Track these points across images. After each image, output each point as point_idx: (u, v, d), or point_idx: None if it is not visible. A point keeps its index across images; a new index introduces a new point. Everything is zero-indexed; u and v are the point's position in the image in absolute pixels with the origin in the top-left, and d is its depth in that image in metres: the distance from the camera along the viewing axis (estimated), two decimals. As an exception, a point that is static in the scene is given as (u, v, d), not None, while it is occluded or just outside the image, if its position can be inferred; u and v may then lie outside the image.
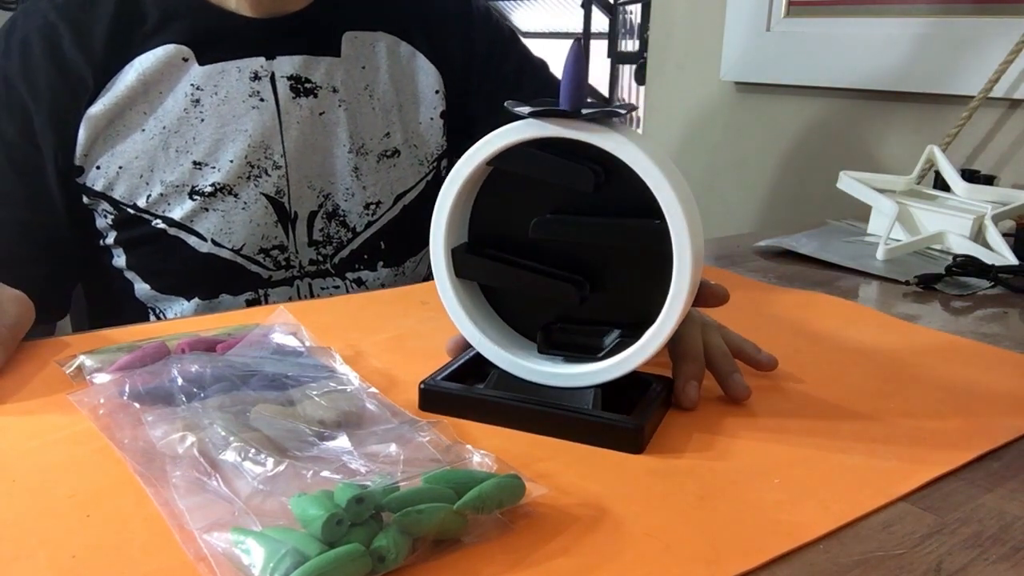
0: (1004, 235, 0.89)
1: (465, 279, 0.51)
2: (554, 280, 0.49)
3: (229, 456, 0.41)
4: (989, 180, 1.04)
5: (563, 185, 0.47)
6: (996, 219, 0.91)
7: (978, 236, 0.91)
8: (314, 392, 0.49)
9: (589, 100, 0.45)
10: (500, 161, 0.47)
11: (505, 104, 0.46)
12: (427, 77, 0.92)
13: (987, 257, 0.86)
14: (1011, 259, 0.86)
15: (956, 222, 0.92)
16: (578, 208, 0.48)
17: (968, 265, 0.84)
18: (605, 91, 4.15)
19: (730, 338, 0.58)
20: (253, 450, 0.41)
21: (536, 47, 1.08)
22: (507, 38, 0.99)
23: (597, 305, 0.49)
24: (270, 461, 0.41)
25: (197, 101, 0.82)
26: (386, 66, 0.90)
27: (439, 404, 0.50)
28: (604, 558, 0.37)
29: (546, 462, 0.45)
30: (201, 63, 0.82)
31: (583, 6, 4.29)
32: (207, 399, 0.48)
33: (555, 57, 0.80)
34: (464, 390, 0.50)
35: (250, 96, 0.83)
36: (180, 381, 0.49)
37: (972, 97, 1.12)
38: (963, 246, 0.90)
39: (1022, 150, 1.15)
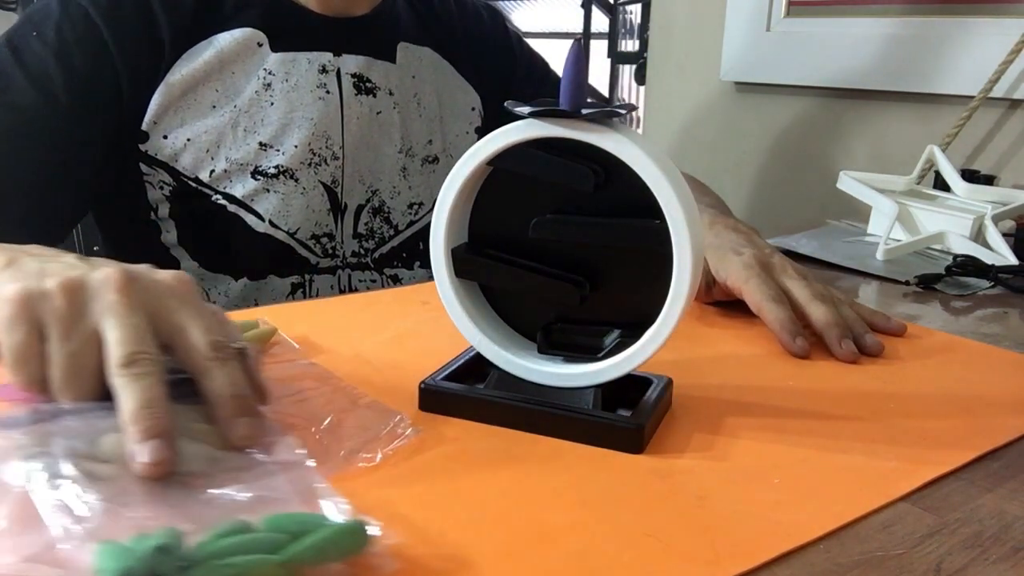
0: (1004, 235, 0.89)
1: (465, 279, 0.51)
2: (554, 280, 0.49)
3: (49, 492, 0.36)
4: (989, 180, 1.04)
5: (563, 185, 0.47)
6: (996, 219, 0.91)
7: (978, 236, 0.91)
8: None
9: (589, 100, 0.45)
10: (500, 161, 0.47)
11: (505, 104, 0.46)
12: (464, 94, 0.99)
13: (987, 257, 0.86)
14: (1011, 259, 0.86)
15: (956, 222, 0.92)
16: (578, 208, 0.48)
17: (968, 265, 0.84)
18: (605, 91, 4.15)
19: (860, 310, 0.67)
20: (78, 487, 0.36)
21: (536, 47, 1.09)
22: (541, 66, 1.09)
23: (597, 305, 0.49)
24: (91, 499, 0.36)
25: (268, 85, 0.85)
26: (431, 78, 0.96)
27: (439, 404, 0.50)
28: (604, 558, 0.37)
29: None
30: (274, 50, 0.86)
31: (583, 6, 4.29)
32: (55, 422, 0.41)
33: (555, 57, 0.80)
34: (464, 390, 0.50)
35: (318, 87, 0.87)
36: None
37: (972, 97, 1.12)
38: (963, 246, 0.90)
39: (1022, 150, 1.15)
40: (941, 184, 1.03)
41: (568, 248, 0.49)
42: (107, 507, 0.35)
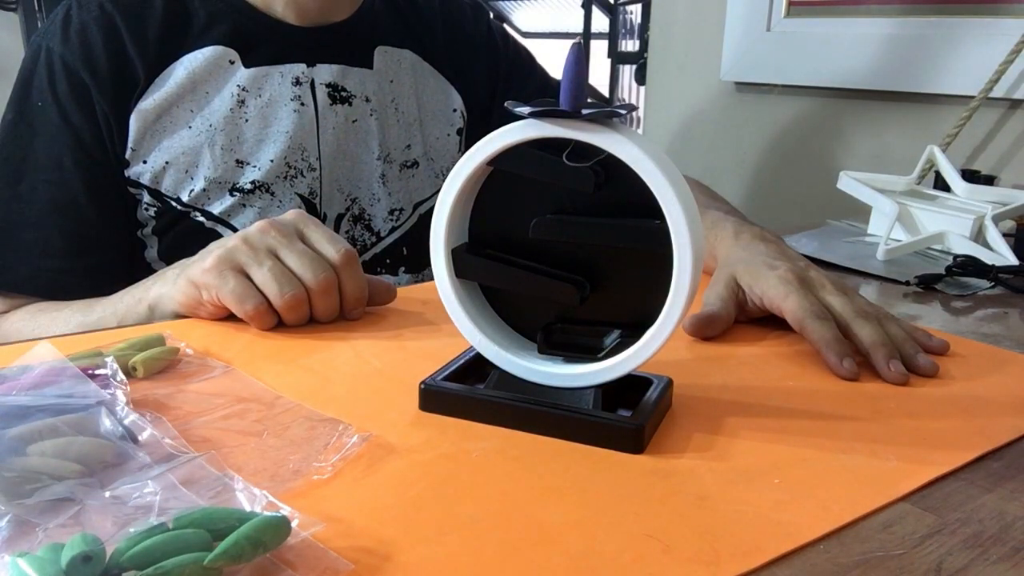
0: (1004, 235, 0.89)
1: (465, 279, 0.51)
2: (554, 280, 0.49)
3: None
4: (989, 180, 1.04)
5: (563, 185, 0.47)
6: (996, 219, 0.91)
7: (978, 236, 0.91)
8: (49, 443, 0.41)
9: (589, 100, 0.45)
10: (500, 161, 0.47)
11: (505, 104, 0.46)
12: (446, 96, 0.98)
13: (987, 257, 0.86)
14: (1011, 259, 0.86)
15: (956, 222, 0.92)
16: (578, 208, 0.48)
17: (968, 265, 0.84)
18: (605, 91, 4.15)
19: (904, 326, 0.63)
20: None
21: (536, 47, 1.09)
22: (526, 60, 1.06)
23: (597, 305, 0.49)
24: None
25: (242, 102, 0.85)
26: (410, 82, 0.95)
27: (439, 404, 0.50)
28: (604, 558, 0.37)
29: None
30: (246, 65, 0.85)
31: (583, 6, 4.28)
32: None
33: (555, 57, 0.80)
34: (464, 390, 0.50)
35: (292, 100, 0.87)
36: None
37: (972, 97, 1.12)
38: (963, 246, 0.90)
39: (1022, 150, 1.15)
40: (941, 184, 1.03)
41: (568, 248, 0.49)
42: (13, 517, 0.34)
